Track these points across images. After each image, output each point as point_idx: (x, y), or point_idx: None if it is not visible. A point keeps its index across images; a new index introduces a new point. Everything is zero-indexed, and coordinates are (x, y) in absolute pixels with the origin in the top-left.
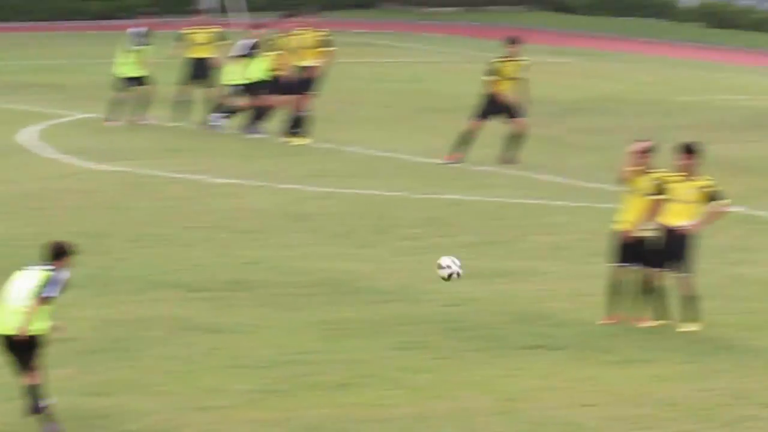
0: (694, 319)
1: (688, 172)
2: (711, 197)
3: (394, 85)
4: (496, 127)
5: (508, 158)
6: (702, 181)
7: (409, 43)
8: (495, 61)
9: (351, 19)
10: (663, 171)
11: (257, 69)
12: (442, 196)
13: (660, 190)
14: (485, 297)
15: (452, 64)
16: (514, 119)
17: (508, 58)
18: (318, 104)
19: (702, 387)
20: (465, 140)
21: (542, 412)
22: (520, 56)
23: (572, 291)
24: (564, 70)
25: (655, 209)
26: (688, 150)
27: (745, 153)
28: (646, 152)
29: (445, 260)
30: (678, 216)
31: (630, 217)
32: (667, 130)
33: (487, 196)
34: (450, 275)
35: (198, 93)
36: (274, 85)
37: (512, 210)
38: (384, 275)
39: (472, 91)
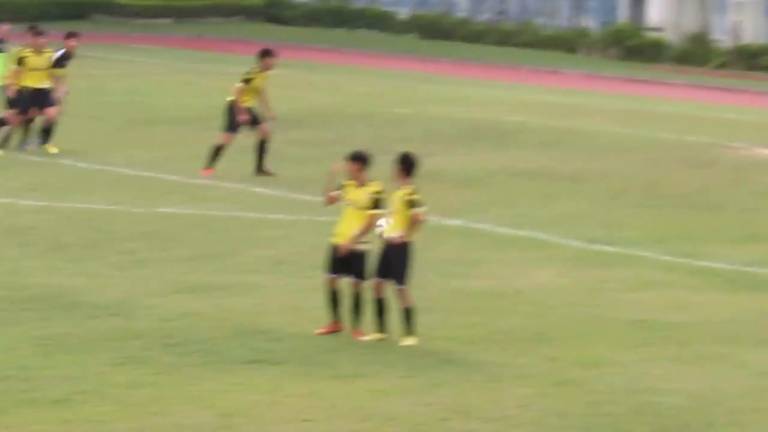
0: (412, 333)
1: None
2: (411, 205)
3: (108, 97)
4: (212, 140)
5: (267, 169)
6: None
7: (122, 55)
8: (249, 73)
9: (63, 31)
10: (378, 183)
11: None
12: (158, 210)
13: (375, 203)
14: (203, 311)
15: (166, 76)
16: (258, 127)
17: (261, 70)
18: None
19: (423, 401)
20: (217, 154)
21: (262, 427)
22: (273, 68)
23: (291, 305)
24: (280, 82)
25: (370, 222)
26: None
27: (462, 165)
28: (360, 165)
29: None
30: (392, 227)
31: (345, 229)
32: (384, 142)
33: (204, 210)
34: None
35: None
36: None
37: (229, 223)
38: (99, 290)
39: (187, 103)
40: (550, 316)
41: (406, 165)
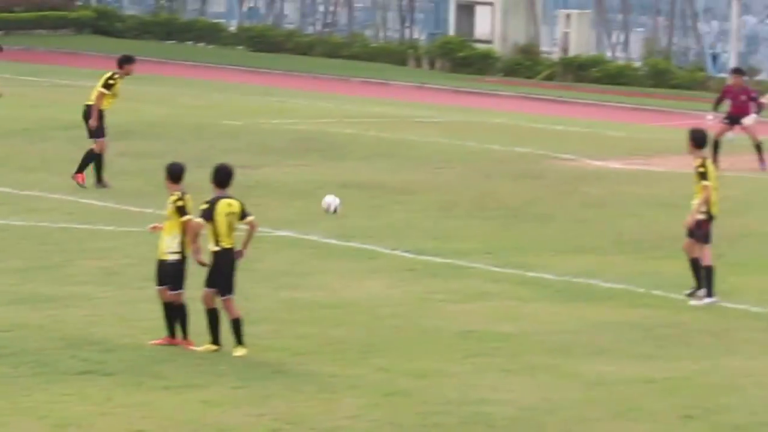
0: (241, 344)
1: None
2: (243, 215)
3: None
4: (42, 151)
5: (105, 181)
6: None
7: None
8: (111, 78)
9: None
10: (183, 194)
11: None
12: None
13: (178, 210)
14: (35, 323)
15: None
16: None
17: (122, 76)
18: None
19: (255, 412)
20: (87, 161)
21: None
22: (132, 74)
23: (122, 316)
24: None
25: (191, 230)
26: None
27: (292, 177)
28: (166, 177)
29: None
30: (223, 238)
31: (159, 242)
32: (214, 153)
33: (34, 221)
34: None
35: None
36: None
37: (59, 235)
38: None
39: (17, 115)
40: (380, 327)
41: (216, 176)
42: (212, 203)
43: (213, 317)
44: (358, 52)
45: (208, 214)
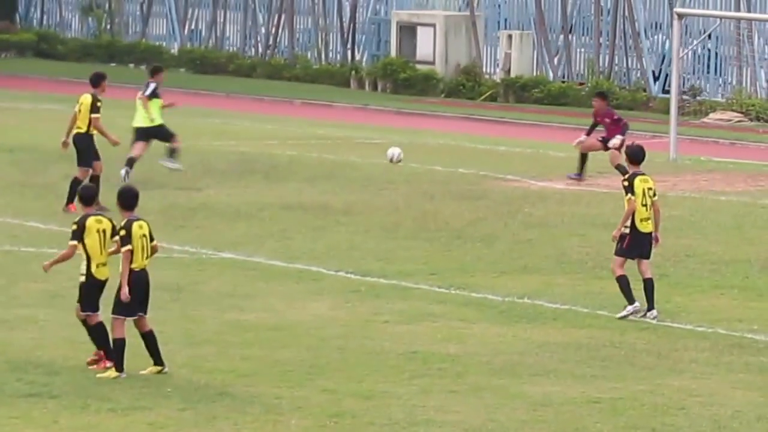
0: (160, 362)
1: None
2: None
3: None
4: None
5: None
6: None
7: None
8: (99, 101)
9: None
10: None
11: None
12: None
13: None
14: None
15: None
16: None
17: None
18: None
19: None
20: (73, 189)
21: None
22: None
23: (67, 338)
24: (51, 116)
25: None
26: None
27: (234, 199)
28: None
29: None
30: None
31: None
32: (155, 175)
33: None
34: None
35: None
36: None
37: (3, 258)
38: None
39: None
40: (325, 349)
41: (123, 199)
42: (128, 228)
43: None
44: (300, 73)
45: (127, 240)
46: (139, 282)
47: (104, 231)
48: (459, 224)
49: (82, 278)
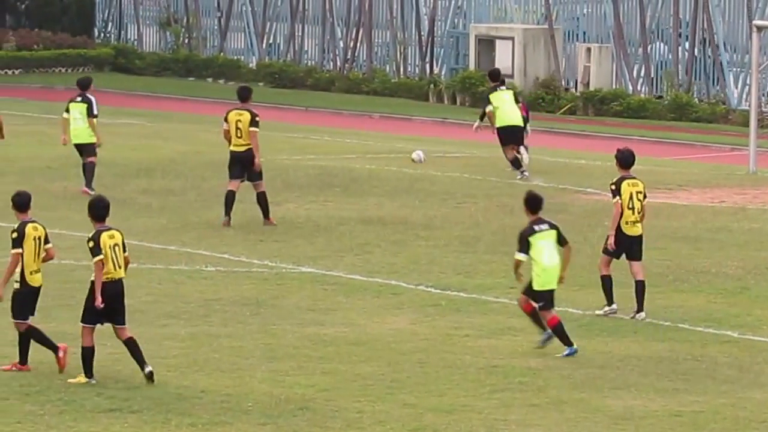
0: (144, 365)
1: None
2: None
3: None
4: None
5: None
6: None
7: None
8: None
9: None
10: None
11: None
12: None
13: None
14: None
15: (16, 126)
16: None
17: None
18: None
19: None
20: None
21: None
22: None
23: (146, 353)
24: (130, 131)
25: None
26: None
27: (316, 213)
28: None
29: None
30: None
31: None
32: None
33: (57, 259)
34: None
35: None
36: None
37: (82, 272)
38: None
39: (37, 153)
40: (406, 363)
41: (95, 211)
42: (95, 239)
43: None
44: (378, 87)
45: (97, 250)
46: (108, 292)
47: (39, 238)
48: None
49: (17, 285)
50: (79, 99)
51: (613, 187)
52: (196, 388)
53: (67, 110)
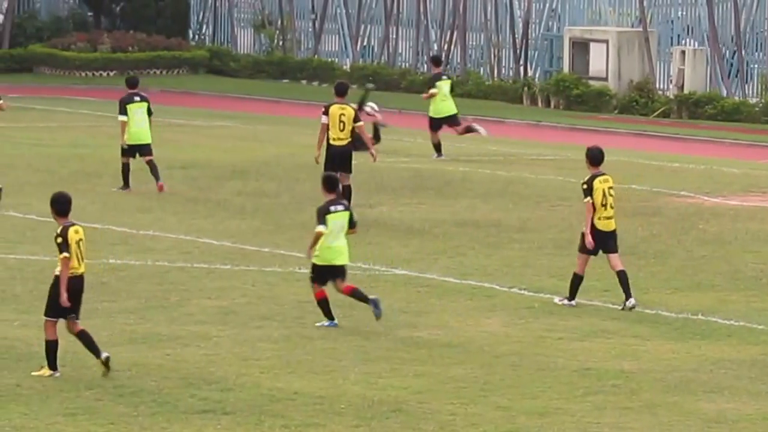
0: (99, 355)
1: None
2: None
3: (51, 149)
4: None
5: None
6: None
7: (66, 108)
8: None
9: (7, 84)
10: None
11: None
12: (105, 261)
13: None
14: (153, 362)
15: (110, 128)
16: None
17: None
18: None
19: None
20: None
21: None
22: None
23: (240, 355)
24: (224, 133)
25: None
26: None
27: (409, 215)
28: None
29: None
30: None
31: None
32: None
33: (151, 261)
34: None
35: None
36: None
37: (177, 274)
38: None
39: None
40: (499, 365)
41: (58, 205)
42: (63, 235)
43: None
44: (472, 90)
45: (65, 247)
46: (73, 287)
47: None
48: (632, 240)
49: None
50: (137, 99)
51: (585, 186)
52: (289, 389)
53: (125, 112)
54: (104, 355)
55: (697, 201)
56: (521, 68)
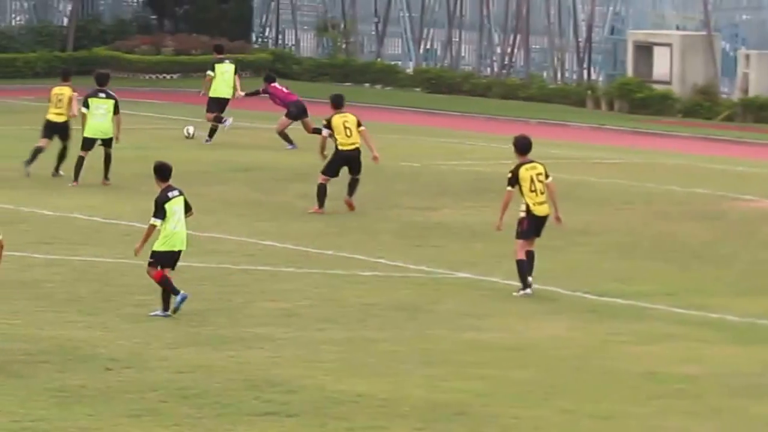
0: None
1: None
2: None
3: (115, 151)
4: (219, 193)
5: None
6: None
7: (130, 110)
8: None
9: (80, 86)
10: None
11: None
12: None
13: None
14: (217, 364)
15: (174, 130)
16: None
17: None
18: (42, 172)
19: None
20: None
21: None
22: None
23: (304, 357)
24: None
25: None
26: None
27: (472, 218)
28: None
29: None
30: None
31: None
32: (392, 195)
33: (214, 263)
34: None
35: None
36: None
37: (240, 276)
38: (114, 342)
39: (195, 157)
40: (562, 369)
41: None
42: None
43: None
44: (535, 93)
45: None
46: None
47: None
48: (696, 245)
49: None
50: (102, 95)
51: (510, 175)
52: (352, 392)
53: (87, 105)
54: None
55: (762, 205)
56: (584, 72)
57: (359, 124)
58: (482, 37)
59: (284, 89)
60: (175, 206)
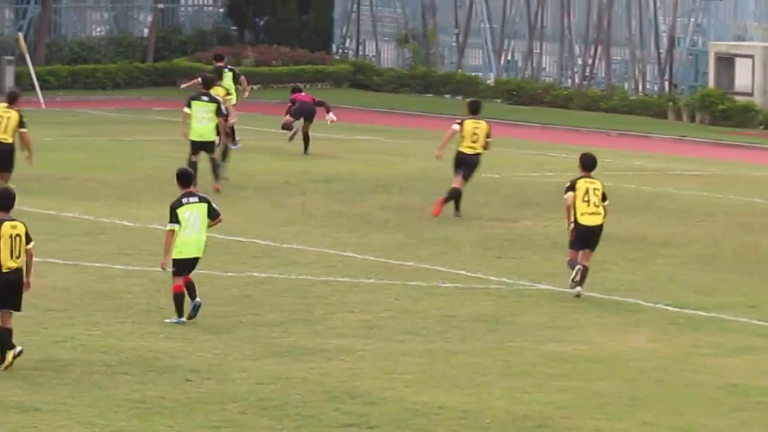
0: (11, 347)
1: None
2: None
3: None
4: (301, 204)
5: None
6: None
7: None
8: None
9: (152, 97)
10: None
11: None
12: (249, 274)
13: None
14: (297, 375)
15: (254, 141)
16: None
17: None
18: (122, 182)
19: None
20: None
21: None
22: None
23: (384, 369)
24: (367, 147)
25: None
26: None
27: (553, 230)
28: None
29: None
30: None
31: None
32: (473, 206)
33: (295, 274)
34: None
35: None
36: None
37: (320, 288)
38: (194, 353)
39: (275, 167)
40: (644, 381)
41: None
42: None
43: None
44: (616, 105)
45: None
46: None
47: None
48: None
49: None
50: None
51: (568, 184)
52: (433, 403)
53: (189, 105)
54: (18, 349)
55: None
56: (666, 83)
57: (488, 135)
58: (563, 48)
59: (304, 94)
60: (187, 212)
